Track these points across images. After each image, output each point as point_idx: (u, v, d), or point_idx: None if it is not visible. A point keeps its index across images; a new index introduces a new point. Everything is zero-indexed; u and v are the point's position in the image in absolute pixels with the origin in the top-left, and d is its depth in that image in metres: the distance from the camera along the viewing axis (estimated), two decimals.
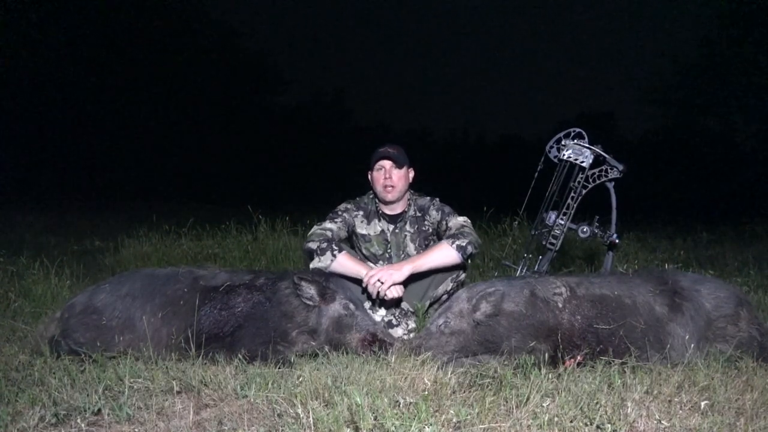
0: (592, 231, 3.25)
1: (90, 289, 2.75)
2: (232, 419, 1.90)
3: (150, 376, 2.25)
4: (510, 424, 1.81)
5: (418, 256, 3.08)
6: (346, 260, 3.02)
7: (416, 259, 3.01)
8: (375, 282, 2.92)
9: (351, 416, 1.80)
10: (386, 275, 2.92)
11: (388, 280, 2.91)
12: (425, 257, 3.02)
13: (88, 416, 1.91)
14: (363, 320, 2.63)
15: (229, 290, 2.64)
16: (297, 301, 2.60)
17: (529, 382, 2.08)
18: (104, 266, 5.14)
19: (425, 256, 3.04)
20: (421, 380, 2.12)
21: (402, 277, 2.94)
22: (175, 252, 5.54)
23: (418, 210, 3.41)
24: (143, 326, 2.53)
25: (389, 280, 2.91)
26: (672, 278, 2.71)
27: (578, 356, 2.44)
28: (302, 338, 2.59)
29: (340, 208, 3.39)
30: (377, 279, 2.92)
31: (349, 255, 3.07)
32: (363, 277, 2.97)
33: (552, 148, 3.37)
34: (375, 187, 3.36)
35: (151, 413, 1.93)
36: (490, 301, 2.47)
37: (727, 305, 2.60)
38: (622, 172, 3.22)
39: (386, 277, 2.91)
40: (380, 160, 3.31)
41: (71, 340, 2.56)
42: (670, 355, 2.45)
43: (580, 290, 2.57)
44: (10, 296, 3.57)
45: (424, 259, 3.01)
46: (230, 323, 2.56)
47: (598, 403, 1.95)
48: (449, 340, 2.48)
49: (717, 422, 1.86)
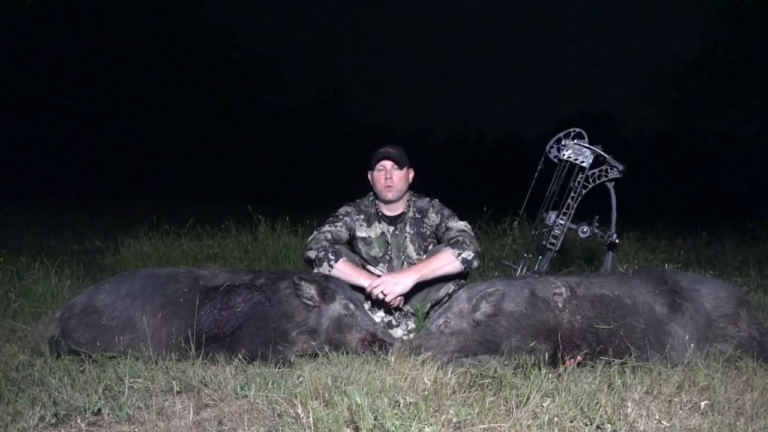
0: (592, 231, 3.25)
1: (90, 289, 2.75)
2: (232, 419, 1.90)
3: (150, 376, 2.26)
4: (510, 424, 1.81)
5: (422, 265, 3.04)
6: (345, 268, 3.01)
7: (421, 269, 2.99)
8: (378, 294, 2.93)
9: (351, 416, 1.80)
10: (390, 287, 2.91)
11: (392, 292, 2.92)
12: (429, 267, 3.01)
13: (88, 416, 1.91)
14: (363, 320, 2.63)
15: (229, 290, 2.64)
16: (297, 301, 2.60)
17: (529, 382, 2.08)
18: (104, 266, 5.14)
19: (429, 265, 3.01)
20: (421, 380, 2.12)
21: (406, 289, 2.94)
22: (175, 252, 5.54)
23: (418, 211, 3.40)
24: (143, 326, 2.53)
25: (393, 292, 2.92)
26: (672, 278, 2.71)
27: (578, 356, 2.44)
28: (302, 338, 2.59)
29: (341, 212, 3.38)
30: (381, 291, 2.92)
31: (347, 262, 3.05)
32: (365, 287, 2.97)
33: (552, 148, 3.37)
34: (375, 186, 3.35)
35: (151, 413, 1.93)
36: (490, 301, 2.47)
37: (727, 305, 2.61)
38: (622, 172, 3.22)
39: (390, 289, 2.91)
40: (381, 160, 3.30)
41: (71, 340, 2.56)
42: (670, 355, 2.45)
43: (580, 290, 2.57)
44: (10, 296, 3.56)
45: (428, 269, 3.00)
46: (230, 323, 2.56)
47: (598, 403, 1.96)
48: (449, 340, 2.48)
49: (717, 422, 1.86)
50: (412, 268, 3.02)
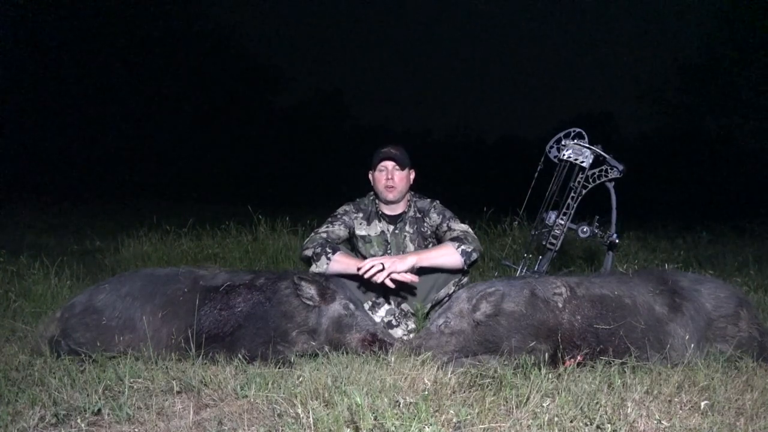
0: (592, 231, 3.25)
1: (90, 289, 2.75)
2: (232, 419, 1.90)
3: (150, 376, 2.26)
4: (510, 424, 1.81)
5: (422, 250, 3.06)
6: (343, 258, 3.00)
7: (420, 253, 3.00)
8: (375, 264, 2.83)
9: (351, 416, 1.80)
10: (389, 260, 2.86)
11: (389, 267, 2.83)
12: (429, 253, 3.02)
13: (88, 416, 1.91)
14: (363, 320, 2.63)
15: (229, 290, 2.64)
16: (297, 301, 2.60)
17: (529, 382, 2.08)
18: (104, 266, 5.13)
19: (429, 252, 3.03)
20: (421, 380, 2.12)
21: (404, 267, 2.87)
22: (175, 252, 5.54)
23: (418, 211, 3.41)
24: (143, 326, 2.53)
25: (390, 267, 2.84)
26: (672, 278, 2.71)
27: (578, 356, 2.44)
28: (302, 338, 2.59)
29: (339, 211, 3.38)
30: (381, 262, 2.83)
31: (344, 253, 3.05)
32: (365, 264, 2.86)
33: (552, 148, 3.37)
34: (376, 186, 3.35)
35: (151, 413, 1.93)
36: (490, 301, 2.47)
37: (727, 305, 2.61)
38: (622, 172, 3.22)
39: (388, 262, 2.84)
40: (383, 160, 3.30)
41: (71, 340, 2.56)
42: (670, 355, 2.45)
43: (580, 290, 2.57)
44: (10, 296, 3.56)
45: (427, 254, 3.00)
46: (230, 323, 2.56)
47: (598, 403, 1.95)
48: (449, 340, 2.48)
49: (717, 422, 1.86)
50: (411, 253, 3.03)
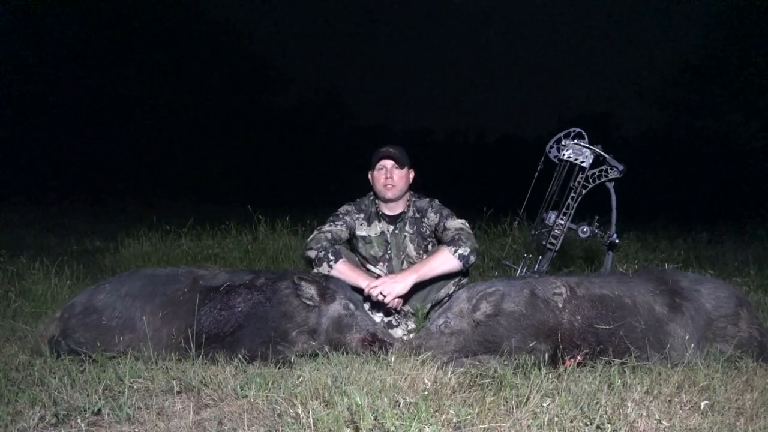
0: (592, 231, 3.25)
1: (90, 289, 2.75)
2: (232, 419, 1.90)
3: (150, 376, 2.26)
4: (510, 424, 1.81)
5: (420, 264, 3.04)
6: (344, 268, 3.00)
7: (419, 269, 2.98)
8: (377, 294, 2.91)
9: (351, 416, 1.80)
10: (389, 288, 2.90)
11: (391, 293, 2.90)
12: (428, 266, 3.00)
13: (88, 416, 1.91)
14: (363, 320, 2.63)
15: (229, 290, 2.64)
16: (297, 301, 2.60)
17: (529, 382, 2.08)
18: (104, 266, 5.13)
19: (428, 264, 3.01)
20: (421, 380, 2.12)
21: (405, 289, 2.93)
22: (175, 252, 5.54)
23: (417, 211, 3.41)
24: (143, 326, 2.53)
25: (392, 293, 2.90)
26: (672, 278, 2.71)
27: (578, 356, 2.44)
28: (302, 338, 2.59)
29: (341, 211, 3.38)
30: (380, 292, 2.91)
31: (346, 263, 3.04)
32: (363, 288, 2.95)
33: (552, 148, 3.37)
34: (375, 186, 3.35)
35: (151, 413, 1.93)
36: (490, 301, 2.47)
37: (727, 305, 2.61)
38: (622, 172, 3.23)
39: (389, 290, 2.90)
40: (382, 159, 3.30)
41: (71, 340, 2.56)
42: (670, 355, 2.45)
43: (580, 290, 2.57)
44: (10, 296, 3.56)
45: (426, 268, 2.99)
46: (230, 323, 2.56)
47: (598, 403, 1.96)
48: (449, 340, 2.48)
49: (717, 422, 1.86)
50: (410, 269, 3.02)
